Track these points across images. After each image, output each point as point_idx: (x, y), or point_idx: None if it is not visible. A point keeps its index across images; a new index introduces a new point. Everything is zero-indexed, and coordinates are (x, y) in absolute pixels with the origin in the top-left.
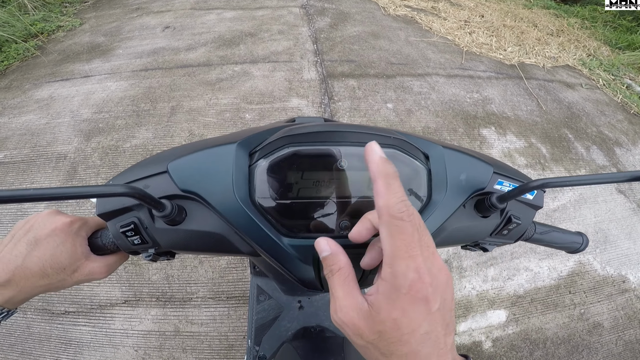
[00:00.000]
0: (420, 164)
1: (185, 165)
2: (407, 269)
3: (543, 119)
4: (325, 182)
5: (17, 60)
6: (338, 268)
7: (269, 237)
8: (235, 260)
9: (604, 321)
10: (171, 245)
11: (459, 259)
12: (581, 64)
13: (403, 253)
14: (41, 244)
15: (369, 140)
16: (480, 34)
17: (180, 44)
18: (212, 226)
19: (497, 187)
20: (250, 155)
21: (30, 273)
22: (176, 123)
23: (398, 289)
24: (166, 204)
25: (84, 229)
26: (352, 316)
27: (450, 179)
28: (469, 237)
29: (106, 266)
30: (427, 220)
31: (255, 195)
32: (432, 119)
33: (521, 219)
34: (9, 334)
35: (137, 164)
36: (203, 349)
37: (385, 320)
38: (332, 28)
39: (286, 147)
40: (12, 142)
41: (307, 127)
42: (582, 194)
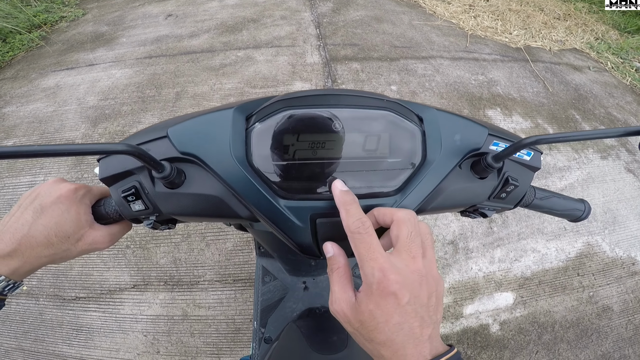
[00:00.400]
0: (414, 125)
1: (184, 130)
2: (372, 270)
3: (550, 101)
4: (320, 144)
5: (22, 50)
6: (337, 267)
7: (265, 198)
8: (241, 242)
9: (613, 304)
10: (171, 210)
11: (465, 239)
12: (589, 47)
13: (366, 257)
14: (46, 212)
15: (362, 102)
16: (485, 17)
17: (183, 31)
18: (210, 189)
19: (493, 148)
20: (247, 119)
21: (36, 242)
22: (181, 108)
23: (370, 286)
24: (165, 165)
25: (88, 196)
26: (343, 307)
27: (445, 139)
28: (467, 200)
29: (109, 235)
30: (424, 179)
31: (252, 157)
32: (436, 100)
33: (519, 180)
34: (22, 320)
35: (139, 132)
36: (210, 333)
37: (364, 311)
38: (335, 12)
39: (282, 110)
40: (21, 129)
41: (302, 92)
42: (590, 172)
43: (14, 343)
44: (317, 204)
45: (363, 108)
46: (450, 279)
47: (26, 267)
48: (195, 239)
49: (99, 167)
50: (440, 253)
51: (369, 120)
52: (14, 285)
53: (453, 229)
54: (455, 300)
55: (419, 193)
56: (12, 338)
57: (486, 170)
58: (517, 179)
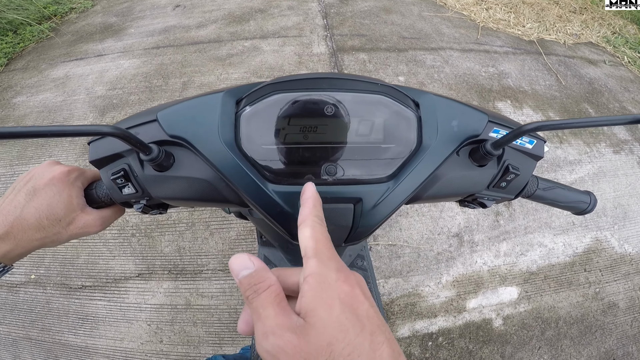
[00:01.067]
0: (409, 110)
1: (173, 113)
2: (330, 257)
3: (562, 94)
4: (312, 128)
5: (33, 42)
6: (267, 285)
7: (254, 182)
8: (244, 231)
9: (619, 301)
10: (160, 193)
11: (471, 232)
12: (605, 41)
13: (324, 243)
14: (39, 194)
15: (355, 87)
16: (497, 10)
17: (191, 21)
18: (199, 172)
19: (493, 135)
20: (237, 103)
21: (27, 225)
22: None
23: (327, 278)
24: (153, 147)
25: (80, 179)
26: (290, 338)
27: (442, 125)
28: (465, 188)
29: (101, 219)
30: (418, 165)
31: (241, 141)
32: (445, 91)
33: (520, 169)
34: (30, 309)
35: (129, 116)
36: (213, 322)
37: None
38: (343, 3)
39: (273, 93)
40: (31, 118)
41: (294, 75)
42: (602, 167)
43: (21, 332)
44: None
45: (356, 92)
46: (454, 272)
47: (18, 251)
48: (200, 227)
49: (89, 150)
50: (444, 245)
51: (362, 104)
52: (4, 269)
53: (458, 222)
54: (458, 294)
55: (413, 180)
56: (20, 327)
57: (485, 157)
58: (518, 168)
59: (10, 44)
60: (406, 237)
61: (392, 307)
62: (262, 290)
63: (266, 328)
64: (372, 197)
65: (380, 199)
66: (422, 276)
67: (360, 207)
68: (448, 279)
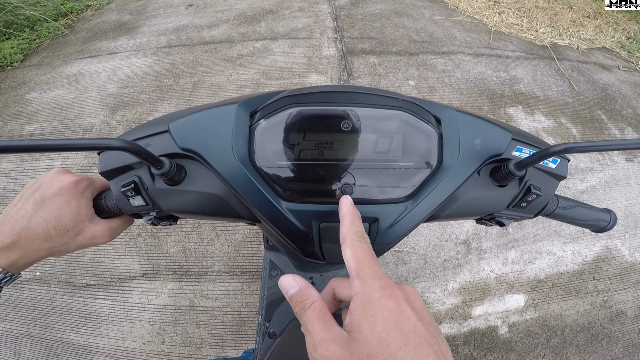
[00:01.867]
0: (430, 127)
1: (186, 125)
2: (374, 276)
3: (575, 100)
4: (328, 144)
5: (48, 38)
6: (311, 302)
7: (267, 200)
8: (250, 234)
9: (627, 310)
10: (171, 207)
11: (479, 239)
12: (619, 46)
13: (367, 262)
14: (47, 204)
15: (374, 102)
16: (510, 14)
17: (203, 21)
18: (211, 187)
19: (516, 154)
20: (251, 116)
21: (35, 235)
22: (197, 98)
23: (371, 296)
24: (164, 161)
25: (90, 189)
26: (335, 349)
27: (464, 143)
28: (484, 208)
29: (109, 230)
30: (438, 186)
31: (254, 156)
32: (455, 96)
33: (542, 189)
34: (33, 307)
35: (141, 125)
36: (216, 325)
37: (370, 339)
38: (353, 5)
39: (288, 107)
40: (43, 115)
41: (311, 88)
42: (614, 175)
43: (23, 329)
44: (322, 207)
45: (375, 107)
46: (460, 280)
47: (24, 260)
48: (206, 229)
49: (99, 161)
50: (452, 252)
51: (381, 120)
52: (11, 278)
53: (467, 229)
54: (464, 301)
55: (432, 200)
56: (23, 324)
57: (507, 178)
58: (540, 188)
59: (27, 40)
60: (413, 244)
61: None
62: (307, 307)
63: (314, 341)
64: (389, 217)
65: (397, 219)
66: (428, 283)
67: (377, 226)
68: (454, 286)
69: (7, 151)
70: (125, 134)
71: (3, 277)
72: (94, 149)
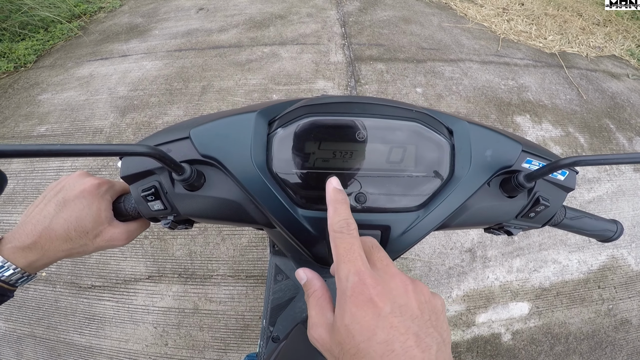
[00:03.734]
0: (443, 138)
1: (206, 132)
2: (348, 272)
3: (583, 109)
4: (342, 154)
5: (62, 40)
6: (313, 291)
7: (283, 207)
8: (256, 238)
9: (632, 318)
10: (189, 211)
11: (484, 248)
12: (629, 54)
13: (343, 258)
14: (69, 205)
15: (388, 113)
16: (519, 21)
17: (213, 25)
18: (229, 193)
19: (526, 165)
20: (269, 124)
21: (55, 235)
22: (206, 102)
23: (344, 292)
24: (185, 167)
25: (110, 192)
26: (321, 332)
27: (475, 155)
28: (492, 218)
29: (127, 232)
30: (449, 196)
31: (272, 163)
32: (463, 104)
33: (550, 201)
34: (38, 307)
35: (162, 130)
36: (219, 328)
37: (340, 329)
38: (362, 12)
39: (305, 116)
40: (54, 116)
41: (327, 98)
42: (621, 185)
43: (27, 329)
44: None
45: (390, 118)
46: (464, 287)
47: (43, 260)
48: (212, 232)
49: (120, 165)
50: (456, 260)
51: (395, 131)
52: (27, 277)
53: (472, 237)
54: (468, 308)
55: (443, 210)
56: (26, 324)
57: (516, 189)
58: (549, 199)
59: (41, 41)
60: (418, 251)
61: None
62: (310, 294)
63: (311, 323)
64: (401, 225)
65: (408, 227)
66: (432, 290)
67: (389, 234)
68: (458, 293)
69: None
70: (146, 139)
71: (20, 276)
72: (122, 155)
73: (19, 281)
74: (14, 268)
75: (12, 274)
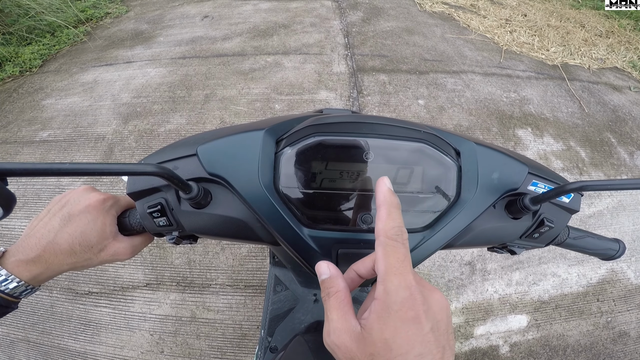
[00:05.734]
0: (450, 160)
1: (213, 149)
2: (399, 286)
3: (584, 122)
4: (349, 174)
5: (68, 45)
6: (335, 291)
7: (289, 226)
8: (255, 248)
9: (631, 330)
10: (195, 228)
11: (483, 261)
12: (631, 66)
13: (395, 270)
14: (74, 220)
15: (397, 133)
16: (521, 33)
17: (217, 33)
18: (235, 212)
19: (531, 188)
20: (277, 142)
21: (59, 249)
22: (209, 111)
23: (390, 307)
24: (193, 186)
25: (115, 207)
26: (345, 339)
27: (482, 177)
28: (497, 238)
29: (131, 247)
30: (454, 218)
31: (279, 183)
32: (464, 117)
33: (554, 222)
34: (33, 312)
35: (168, 146)
36: (216, 337)
37: (376, 342)
38: (365, 22)
39: (312, 136)
40: (57, 121)
41: (335, 117)
42: (622, 200)
43: (21, 334)
44: (341, 234)
45: (397, 139)
46: (463, 300)
47: (47, 274)
48: (211, 242)
49: (127, 182)
50: (456, 273)
51: (402, 151)
52: (31, 290)
53: (472, 250)
54: (466, 320)
55: (448, 231)
56: (20, 329)
57: (522, 211)
58: (553, 221)
59: (47, 45)
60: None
61: None
62: (331, 295)
63: (330, 327)
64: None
65: (414, 247)
66: None
67: None
68: (457, 305)
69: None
70: (152, 155)
71: (24, 289)
72: (132, 174)
73: (22, 294)
74: (17, 281)
75: (16, 286)
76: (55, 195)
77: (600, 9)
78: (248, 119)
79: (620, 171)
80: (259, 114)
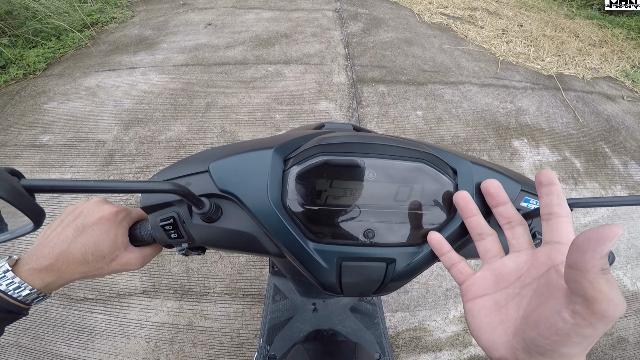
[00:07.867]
0: (447, 178)
1: (225, 166)
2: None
3: (579, 132)
4: (352, 192)
5: (72, 48)
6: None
7: (296, 240)
8: (254, 258)
9: (629, 336)
10: (205, 241)
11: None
12: (624, 75)
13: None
14: (87, 231)
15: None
16: (518, 43)
17: (220, 41)
18: (244, 226)
19: (524, 204)
20: (285, 161)
21: (72, 259)
22: (210, 119)
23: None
24: (205, 202)
25: (127, 219)
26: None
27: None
28: None
29: (141, 257)
30: (450, 233)
31: (286, 199)
32: (462, 128)
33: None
34: (25, 317)
35: (180, 162)
36: (213, 345)
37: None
38: (365, 33)
39: (318, 155)
40: (58, 126)
41: (340, 137)
42: (617, 209)
43: (12, 339)
44: (345, 248)
45: (398, 159)
46: (461, 308)
47: (59, 282)
48: (210, 250)
49: (141, 197)
50: (454, 282)
51: (403, 171)
52: (42, 297)
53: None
54: (465, 329)
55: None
56: (12, 334)
57: None
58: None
59: (52, 49)
60: None
61: (397, 340)
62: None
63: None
64: (405, 258)
65: (412, 260)
66: (429, 311)
67: (394, 266)
68: (455, 314)
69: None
70: (165, 171)
71: (36, 297)
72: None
73: (34, 301)
74: (30, 289)
75: (29, 294)
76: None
77: (594, 18)
78: (249, 128)
79: (615, 181)
80: (259, 124)
